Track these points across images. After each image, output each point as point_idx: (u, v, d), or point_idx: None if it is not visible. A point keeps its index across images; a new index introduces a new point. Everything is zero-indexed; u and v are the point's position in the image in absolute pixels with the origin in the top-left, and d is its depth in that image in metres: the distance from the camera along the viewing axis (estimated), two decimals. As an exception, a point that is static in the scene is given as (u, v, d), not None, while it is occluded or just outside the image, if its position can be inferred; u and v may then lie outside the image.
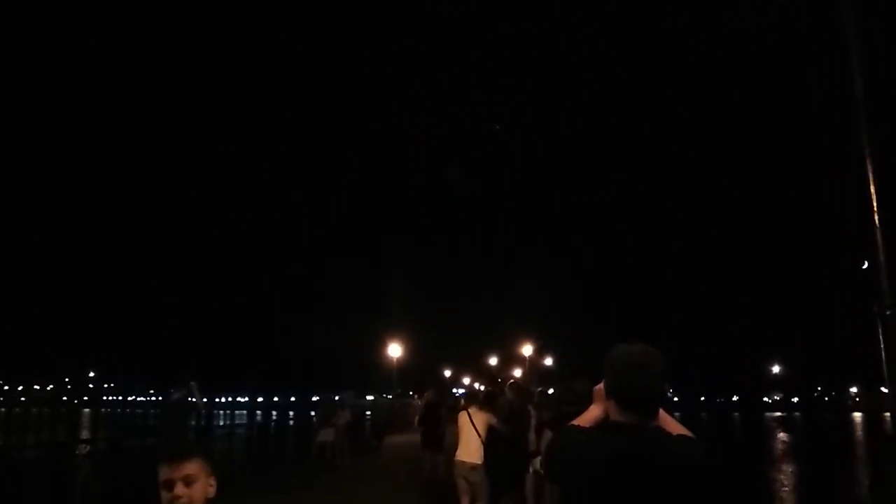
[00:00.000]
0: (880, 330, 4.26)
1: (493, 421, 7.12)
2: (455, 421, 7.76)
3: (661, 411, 2.08)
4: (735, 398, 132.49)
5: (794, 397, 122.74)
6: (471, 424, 7.07)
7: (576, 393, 5.75)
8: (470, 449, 7.02)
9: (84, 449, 11.50)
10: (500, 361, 45.60)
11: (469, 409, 7.27)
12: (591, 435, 2.03)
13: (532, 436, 6.94)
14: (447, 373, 58.02)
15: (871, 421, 68.89)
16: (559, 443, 2.14)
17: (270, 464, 16.08)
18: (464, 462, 7.04)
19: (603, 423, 2.07)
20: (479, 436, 6.98)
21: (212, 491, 2.23)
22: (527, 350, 36.01)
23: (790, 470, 22.54)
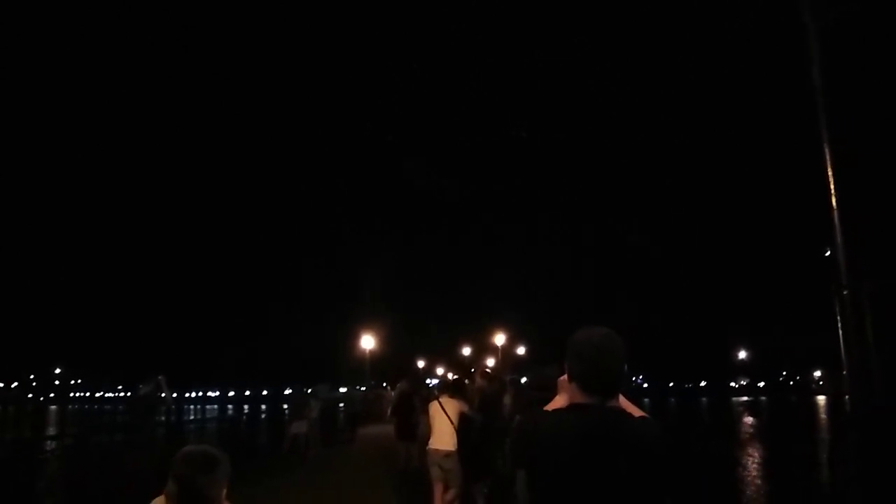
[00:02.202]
0: (837, 310, 4.37)
1: (465, 408, 7.17)
2: (427, 411, 7.79)
3: (621, 396, 2.11)
4: (702, 383, 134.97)
5: (759, 382, 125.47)
6: (443, 412, 7.11)
7: (546, 378, 5.84)
8: (443, 437, 7.06)
9: (51, 446, 11.33)
10: (474, 351, 45.81)
11: (440, 398, 7.31)
12: (554, 416, 2.09)
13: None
14: (420, 364, 58.09)
15: (834, 403, 70.77)
16: (523, 427, 2.20)
17: (243, 457, 15.99)
18: (437, 450, 7.08)
19: (566, 406, 2.10)
20: (452, 423, 7.02)
21: None
22: (499, 339, 36.22)
23: (755, 452, 23.05)
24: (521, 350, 47.67)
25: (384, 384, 33.66)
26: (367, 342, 28.49)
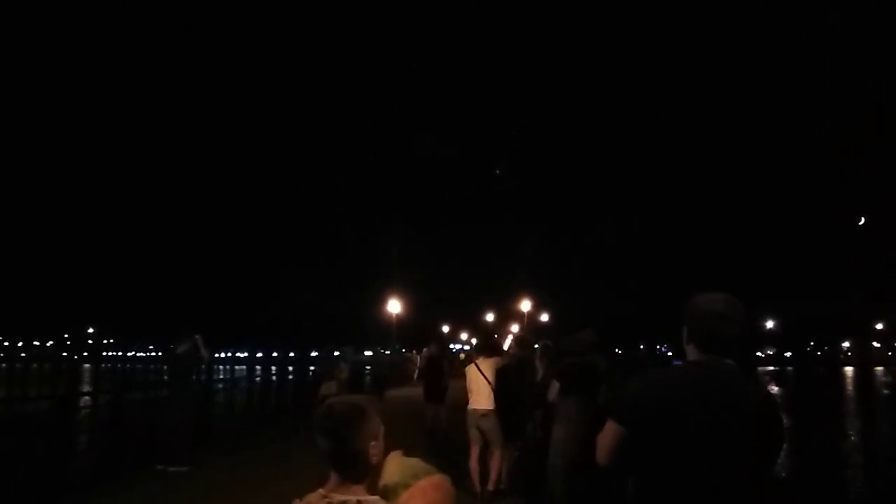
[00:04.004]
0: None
1: (502, 363, 7.16)
2: (461, 375, 7.80)
3: None
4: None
5: (786, 352, 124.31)
6: (479, 373, 7.10)
7: (582, 343, 5.79)
8: (481, 397, 7.06)
9: (85, 402, 11.57)
10: (497, 318, 45.92)
11: (477, 360, 7.29)
12: (666, 372, 2.20)
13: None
14: (445, 329, 58.48)
15: (862, 375, 70.03)
16: (633, 385, 2.17)
17: (271, 416, 16.27)
18: (476, 409, 7.08)
19: (683, 363, 2.22)
20: (490, 383, 7.01)
21: None
22: (525, 306, 36.20)
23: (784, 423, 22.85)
24: (544, 317, 47.70)
25: (404, 349, 33.94)
26: (394, 306, 28.65)
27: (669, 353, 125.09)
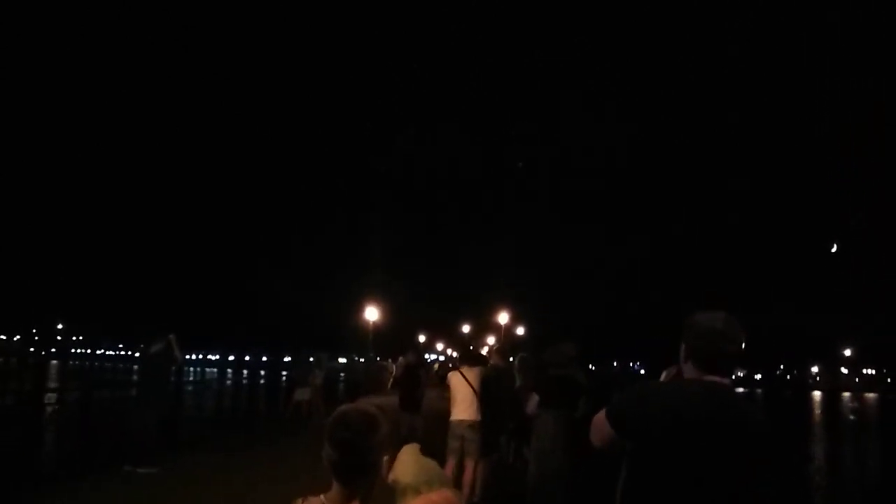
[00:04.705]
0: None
1: (486, 373, 7.09)
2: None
3: None
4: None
5: (756, 374, 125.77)
6: (465, 382, 7.00)
7: (563, 356, 5.80)
8: (467, 407, 6.94)
9: (52, 399, 11.32)
10: (474, 329, 45.84)
11: (461, 369, 7.21)
12: (666, 386, 2.20)
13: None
14: (421, 338, 58.32)
15: (829, 400, 71.07)
16: (633, 393, 2.17)
17: (243, 420, 16.07)
18: (461, 420, 6.95)
19: (677, 379, 2.22)
20: (475, 392, 6.92)
21: None
22: (503, 318, 36.18)
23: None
24: (520, 330, 47.75)
25: (379, 357, 33.71)
26: (372, 314, 28.48)
27: (642, 371, 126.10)
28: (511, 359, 9.14)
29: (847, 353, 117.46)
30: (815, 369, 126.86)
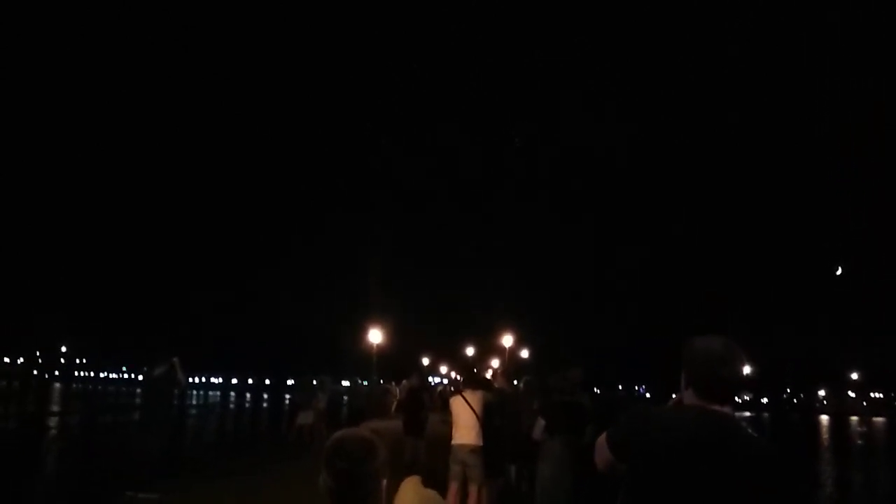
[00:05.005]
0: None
1: (490, 398, 7.02)
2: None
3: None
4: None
5: (763, 398, 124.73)
6: (467, 406, 6.94)
7: (570, 382, 5.76)
8: (469, 432, 6.88)
9: (54, 422, 11.26)
10: (478, 352, 45.61)
11: (464, 392, 7.15)
12: (667, 413, 2.14)
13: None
14: (425, 361, 58.06)
15: (837, 424, 70.33)
16: (633, 419, 2.14)
17: (245, 445, 15.95)
18: (463, 445, 6.89)
19: (679, 406, 2.16)
20: (477, 417, 6.86)
21: None
22: (507, 341, 36.00)
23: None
24: (524, 353, 47.49)
25: (382, 380, 33.52)
26: (375, 336, 28.37)
27: (647, 395, 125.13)
28: (515, 382, 9.08)
29: (854, 376, 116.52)
30: (822, 393, 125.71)
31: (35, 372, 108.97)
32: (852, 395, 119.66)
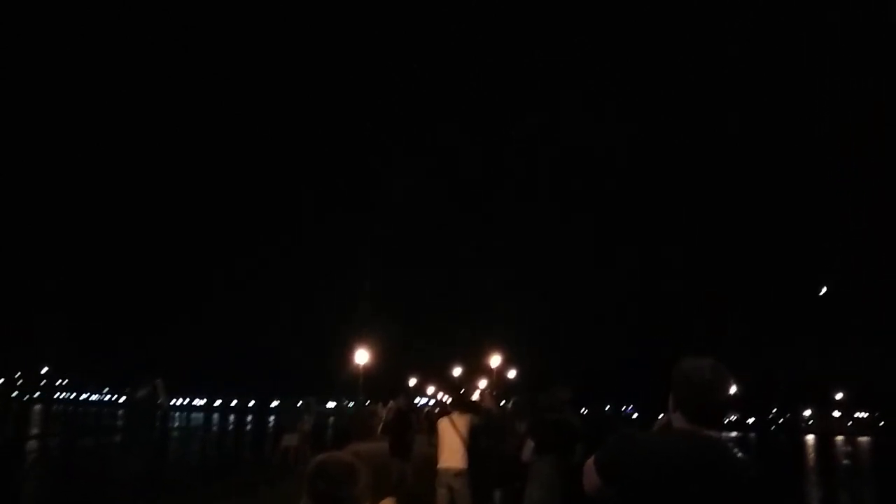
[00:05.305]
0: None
1: (476, 421, 6.95)
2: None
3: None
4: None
5: (749, 418, 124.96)
6: (453, 429, 6.87)
7: (559, 400, 5.71)
8: (454, 455, 6.80)
9: (34, 446, 11.04)
10: (465, 372, 45.45)
11: (451, 415, 7.09)
12: (654, 437, 2.13)
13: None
14: (412, 382, 57.69)
15: (823, 444, 70.49)
16: (620, 443, 2.11)
17: (228, 468, 15.69)
18: (448, 468, 6.80)
19: (666, 430, 2.14)
20: (463, 440, 6.79)
21: None
22: (494, 361, 35.90)
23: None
24: (511, 373, 47.35)
25: (368, 401, 33.24)
26: (362, 357, 28.16)
27: (635, 415, 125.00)
28: (503, 402, 9.03)
29: (839, 396, 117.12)
30: (807, 413, 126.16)
31: (15, 394, 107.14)
32: (837, 414, 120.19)
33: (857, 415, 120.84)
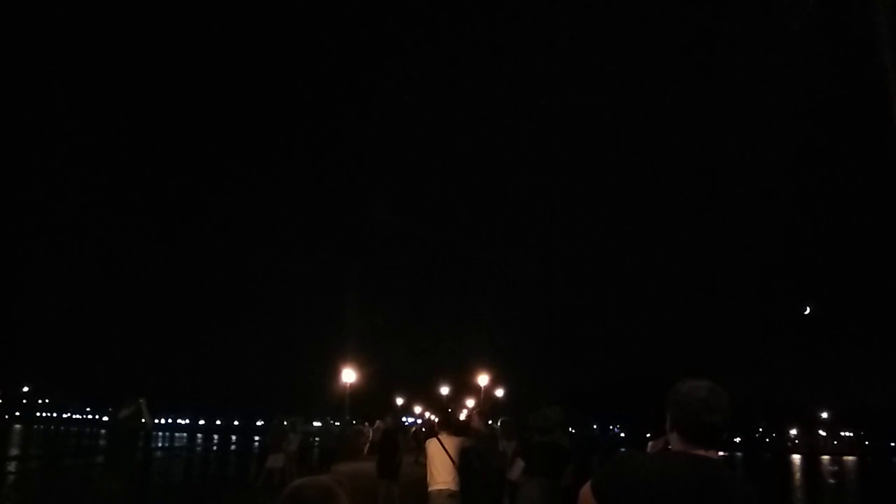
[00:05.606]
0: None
1: (467, 443, 6.90)
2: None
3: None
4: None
5: (735, 437, 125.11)
6: (443, 450, 6.81)
7: (550, 421, 5.68)
8: (445, 476, 6.74)
9: (14, 467, 10.82)
10: (452, 391, 45.23)
11: (440, 436, 7.03)
12: (651, 459, 2.10)
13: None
14: (399, 401, 57.34)
15: (809, 463, 70.64)
16: (617, 465, 2.10)
17: (212, 490, 15.45)
18: (440, 490, 6.73)
19: (664, 452, 2.14)
20: (453, 461, 6.73)
21: None
22: (482, 380, 35.79)
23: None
24: (499, 392, 47.17)
25: (354, 421, 32.97)
26: (349, 376, 27.94)
27: (622, 435, 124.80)
28: (490, 422, 8.98)
29: (825, 415, 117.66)
30: (793, 432, 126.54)
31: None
32: (823, 434, 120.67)
33: (842, 434, 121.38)
